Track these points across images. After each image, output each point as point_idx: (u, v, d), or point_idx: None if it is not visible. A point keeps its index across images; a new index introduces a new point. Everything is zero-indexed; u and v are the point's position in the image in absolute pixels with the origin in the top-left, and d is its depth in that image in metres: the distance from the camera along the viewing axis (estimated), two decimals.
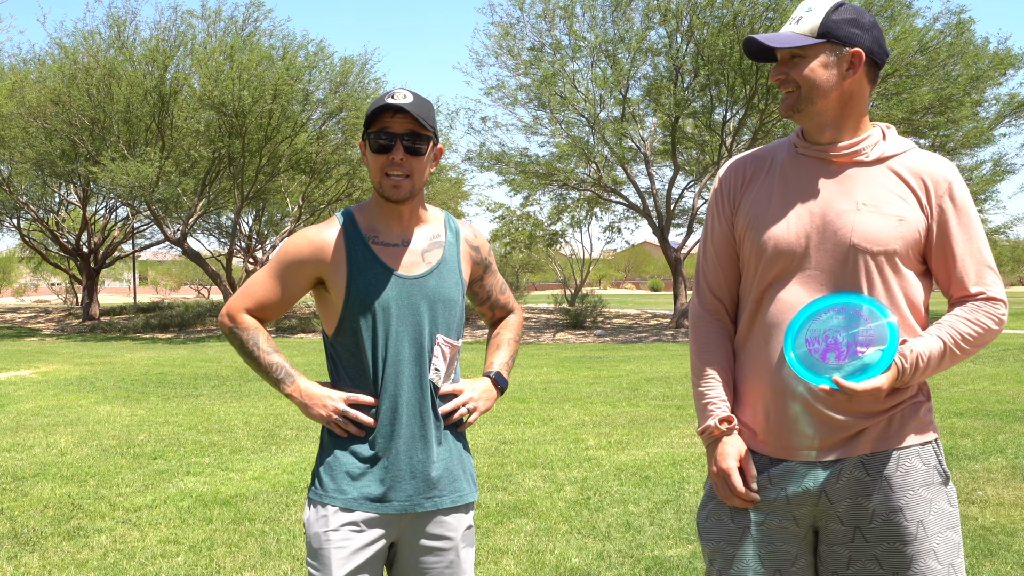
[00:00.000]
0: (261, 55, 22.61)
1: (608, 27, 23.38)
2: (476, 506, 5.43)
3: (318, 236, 2.22)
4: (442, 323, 2.22)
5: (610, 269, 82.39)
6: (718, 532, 2.03)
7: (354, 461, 2.17)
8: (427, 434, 2.19)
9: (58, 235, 30.43)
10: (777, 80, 1.96)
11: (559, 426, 8.42)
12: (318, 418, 2.18)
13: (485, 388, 2.33)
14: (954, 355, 1.91)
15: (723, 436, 2.02)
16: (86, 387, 11.93)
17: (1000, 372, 12.56)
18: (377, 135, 2.15)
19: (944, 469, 1.98)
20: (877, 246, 1.91)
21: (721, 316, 2.12)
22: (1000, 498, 5.43)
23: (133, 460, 6.97)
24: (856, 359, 1.86)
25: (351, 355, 2.20)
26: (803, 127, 2.02)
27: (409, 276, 2.20)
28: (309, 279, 2.23)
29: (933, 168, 1.97)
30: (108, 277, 66.02)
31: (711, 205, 2.15)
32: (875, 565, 1.91)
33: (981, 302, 1.94)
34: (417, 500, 2.18)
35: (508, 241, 28.18)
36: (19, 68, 25.69)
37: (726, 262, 2.11)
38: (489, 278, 2.44)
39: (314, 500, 2.20)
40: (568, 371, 13.90)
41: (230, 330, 2.27)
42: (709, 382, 2.07)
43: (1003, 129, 26.50)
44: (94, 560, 4.50)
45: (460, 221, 2.37)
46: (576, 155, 24.02)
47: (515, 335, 2.50)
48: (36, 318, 31.66)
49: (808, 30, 1.93)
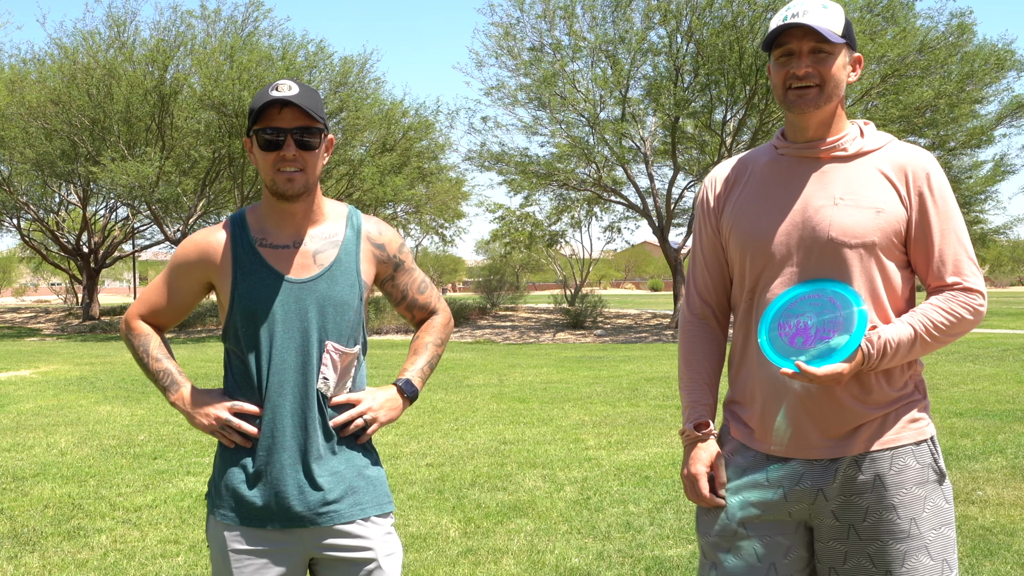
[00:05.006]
0: (261, 55, 22.63)
1: (608, 27, 23.39)
2: (476, 506, 5.44)
3: (204, 240, 2.13)
4: (332, 329, 2.08)
5: (610, 269, 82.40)
6: (715, 526, 2.05)
7: (240, 474, 2.07)
8: (312, 447, 2.06)
9: (58, 235, 30.43)
10: (804, 72, 1.94)
11: (559, 426, 8.42)
12: (201, 427, 2.08)
13: (388, 398, 2.16)
14: (925, 343, 1.92)
15: (697, 440, 2.07)
16: (86, 387, 11.93)
17: (1000, 372, 12.55)
18: (265, 131, 2.03)
19: (940, 467, 2.00)
20: (855, 239, 1.93)
21: (709, 321, 2.16)
22: (1000, 498, 5.43)
23: (133, 460, 6.97)
24: (822, 344, 1.88)
25: (239, 362, 2.10)
26: (792, 125, 2.03)
27: (297, 280, 2.08)
28: (198, 284, 2.15)
29: (911, 159, 1.98)
30: (108, 277, 66.03)
31: (697, 213, 2.19)
32: (868, 563, 1.93)
33: (957, 292, 1.95)
34: (308, 516, 2.06)
35: (508, 241, 28.17)
36: (19, 68, 25.70)
37: (714, 267, 2.14)
38: (402, 277, 2.26)
39: (210, 516, 2.13)
40: (568, 371, 13.90)
41: (125, 336, 2.20)
42: (692, 385, 2.12)
43: (1003, 129, 26.53)
44: (94, 560, 4.50)
45: (366, 217, 2.21)
46: (576, 155, 24.02)
47: (436, 338, 2.31)
48: (36, 318, 31.67)
49: (837, 27, 1.94)
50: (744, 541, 2.01)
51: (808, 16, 1.92)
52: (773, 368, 1.96)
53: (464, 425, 8.48)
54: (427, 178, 29.92)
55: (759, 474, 2.01)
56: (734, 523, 2.02)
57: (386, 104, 26.98)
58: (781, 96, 1.98)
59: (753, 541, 2.00)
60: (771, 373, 1.98)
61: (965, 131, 25.08)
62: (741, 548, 2.01)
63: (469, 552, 4.57)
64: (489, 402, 10.17)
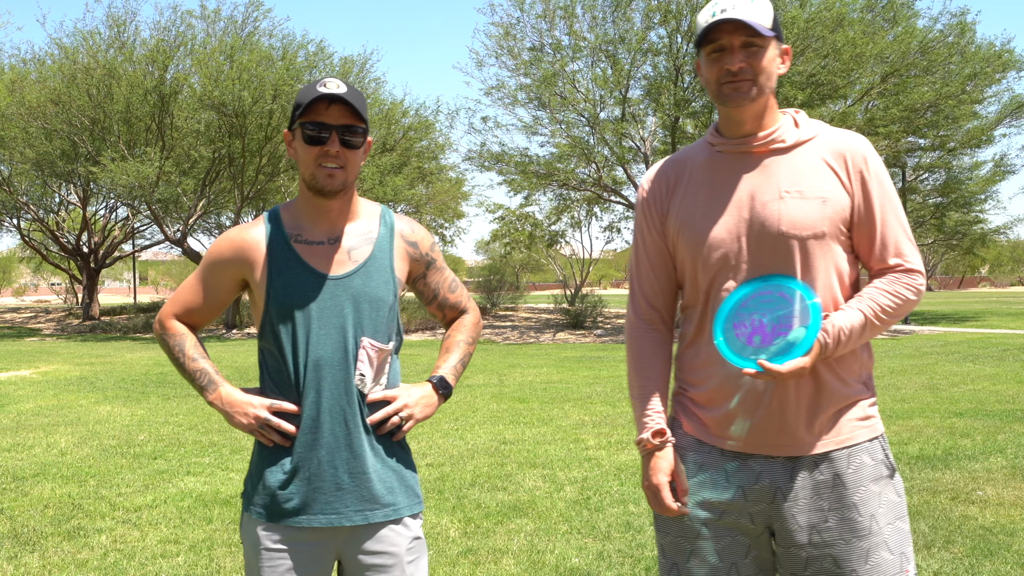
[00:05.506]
0: (261, 55, 22.62)
1: (608, 27, 23.38)
2: (476, 506, 5.44)
3: (239, 236, 2.12)
4: (368, 325, 2.08)
5: (610, 269, 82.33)
6: (675, 526, 2.06)
7: (278, 474, 2.07)
8: (353, 443, 2.06)
9: (58, 235, 30.44)
10: (738, 67, 1.93)
11: (559, 426, 8.42)
12: (240, 426, 2.08)
13: (424, 395, 2.16)
14: (874, 326, 1.94)
15: (656, 450, 2.06)
16: (86, 387, 11.93)
17: (1000, 372, 12.55)
18: (311, 125, 2.03)
19: (891, 462, 2.02)
20: (806, 230, 1.93)
21: (657, 326, 2.15)
22: (1000, 498, 5.43)
23: (133, 460, 6.97)
24: (781, 340, 1.89)
25: (275, 360, 2.10)
26: (727, 120, 2.03)
27: (333, 276, 2.08)
28: (233, 281, 2.14)
29: (848, 144, 2.00)
30: (108, 277, 66.01)
31: (639, 217, 2.16)
32: (833, 565, 1.93)
33: (900, 274, 1.97)
34: (345, 513, 2.06)
35: (508, 241, 28.17)
36: (19, 68, 25.70)
37: (660, 271, 2.13)
38: (434, 276, 2.27)
39: (245, 514, 2.12)
40: (568, 371, 13.90)
41: (160, 336, 2.19)
42: (644, 393, 2.10)
43: (1003, 129, 26.53)
44: (94, 560, 4.50)
45: (399, 216, 2.23)
46: (576, 155, 24.01)
47: (468, 337, 2.32)
48: (36, 318, 31.66)
49: (766, 21, 1.94)
50: (705, 541, 2.01)
51: (737, 11, 1.91)
52: (730, 367, 1.96)
53: (464, 425, 8.48)
54: (427, 178, 29.93)
55: (716, 472, 2.01)
56: (696, 523, 2.02)
57: (386, 104, 26.99)
58: (715, 92, 1.98)
59: (713, 540, 2.01)
60: (727, 371, 1.98)
61: (965, 131, 25.08)
62: (702, 548, 2.01)
63: (469, 552, 4.57)
64: (489, 402, 10.17)
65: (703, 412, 2.04)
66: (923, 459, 6.60)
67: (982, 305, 39.94)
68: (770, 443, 1.96)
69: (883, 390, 10.76)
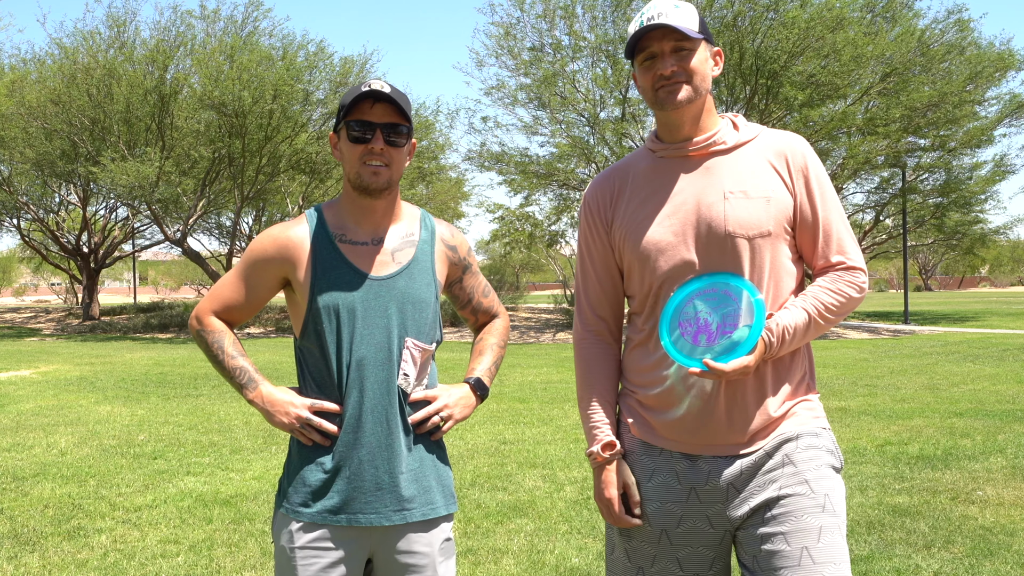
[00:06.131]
0: (261, 55, 22.61)
1: (608, 27, 23.38)
2: (476, 506, 5.44)
3: (283, 234, 2.12)
4: (412, 326, 2.10)
5: None
6: (637, 532, 2.06)
7: (317, 472, 2.07)
8: (393, 443, 2.07)
9: (58, 235, 30.43)
10: (671, 71, 1.97)
11: (559, 426, 8.42)
12: (280, 425, 2.08)
13: (463, 395, 2.19)
14: (818, 325, 1.96)
15: (605, 463, 2.07)
16: (86, 387, 11.93)
17: (1000, 372, 12.55)
18: (356, 124, 2.05)
19: (839, 456, 2.05)
20: (752, 230, 1.95)
21: (603, 336, 2.15)
22: (1000, 498, 5.43)
23: (133, 460, 6.97)
24: (725, 339, 1.90)
25: (316, 359, 2.10)
26: (666, 125, 2.05)
27: (377, 276, 2.09)
28: (275, 279, 2.14)
29: (787, 144, 2.02)
30: (108, 277, 66.05)
31: (583, 226, 2.17)
32: (784, 544, 1.93)
33: (842, 271, 1.99)
34: (384, 513, 2.07)
35: (508, 241, 28.18)
36: (19, 68, 25.70)
37: (606, 280, 2.13)
38: (469, 280, 2.31)
39: (280, 512, 2.12)
40: (568, 371, 13.90)
41: (197, 333, 2.18)
42: (593, 405, 2.11)
43: (1003, 129, 26.51)
44: (94, 560, 4.50)
45: (438, 220, 2.26)
46: (576, 155, 24.01)
47: (500, 340, 2.36)
48: (36, 318, 31.66)
49: (693, 24, 1.98)
50: (667, 550, 2.02)
51: (664, 17, 1.96)
52: (677, 366, 1.98)
53: (464, 425, 8.48)
54: (427, 178, 29.92)
55: (668, 475, 2.02)
56: (656, 529, 2.03)
57: None
58: (652, 98, 2.01)
59: (677, 551, 2.02)
60: (675, 373, 1.99)
61: (965, 131, 25.06)
62: (663, 558, 2.03)
63: (469, 552, 4.57)
64: (489, 402, 10.17)
65: (651, 415, 2.05)
66: (923, 459, 6.60)
67: (982, 305, 39.94)
68: (718, 442, 1.98)
69: (883, 390, 10.76)
